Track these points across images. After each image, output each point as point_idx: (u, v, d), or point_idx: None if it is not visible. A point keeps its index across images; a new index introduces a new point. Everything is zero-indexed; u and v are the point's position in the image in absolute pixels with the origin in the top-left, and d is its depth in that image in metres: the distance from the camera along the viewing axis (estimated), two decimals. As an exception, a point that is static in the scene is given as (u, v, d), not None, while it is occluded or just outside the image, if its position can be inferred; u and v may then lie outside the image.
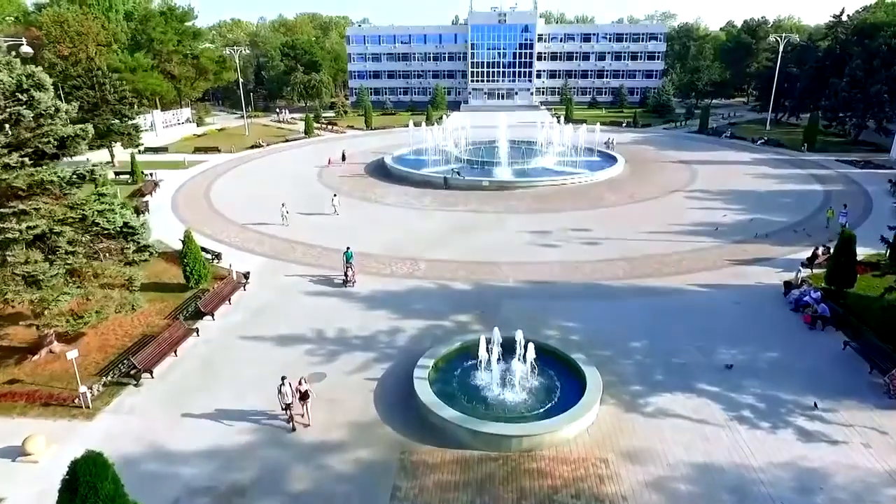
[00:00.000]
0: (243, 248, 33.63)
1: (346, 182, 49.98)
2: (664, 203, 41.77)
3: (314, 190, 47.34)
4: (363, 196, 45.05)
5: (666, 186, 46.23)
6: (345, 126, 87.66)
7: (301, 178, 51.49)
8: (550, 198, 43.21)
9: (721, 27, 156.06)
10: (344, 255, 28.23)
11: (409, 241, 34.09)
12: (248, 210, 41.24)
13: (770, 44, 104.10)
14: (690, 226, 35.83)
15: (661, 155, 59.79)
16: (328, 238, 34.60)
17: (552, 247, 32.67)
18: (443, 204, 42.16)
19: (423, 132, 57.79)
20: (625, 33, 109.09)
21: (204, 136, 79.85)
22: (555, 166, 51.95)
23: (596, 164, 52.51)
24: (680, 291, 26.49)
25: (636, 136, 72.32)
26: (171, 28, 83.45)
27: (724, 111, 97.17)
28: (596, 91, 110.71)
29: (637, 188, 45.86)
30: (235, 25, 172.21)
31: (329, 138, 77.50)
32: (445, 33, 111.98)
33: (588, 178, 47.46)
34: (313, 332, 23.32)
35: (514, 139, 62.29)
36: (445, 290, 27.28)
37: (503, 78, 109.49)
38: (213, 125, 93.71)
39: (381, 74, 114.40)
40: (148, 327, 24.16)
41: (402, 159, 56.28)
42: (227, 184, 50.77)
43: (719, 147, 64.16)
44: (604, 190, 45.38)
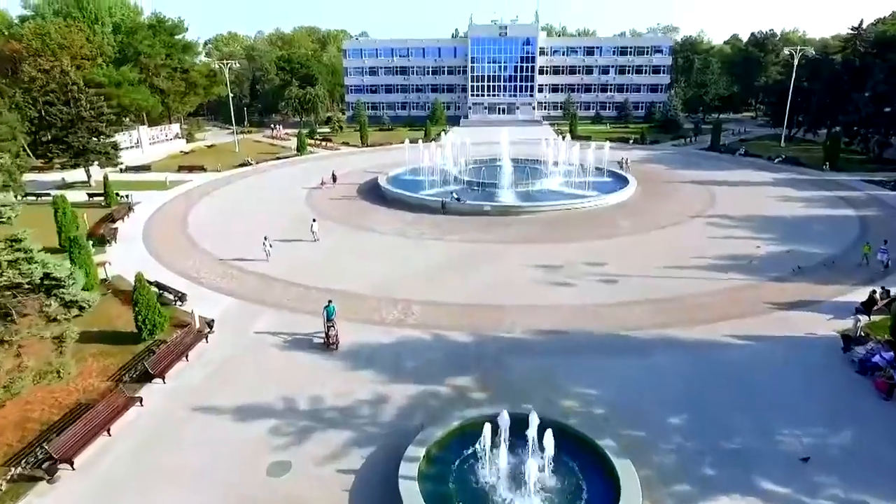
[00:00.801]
0: (215, 286, 29.69)
1: (336, 206, 46.18)
2: (685, 231, 37.90)
3: (301, 215, 43.48)
4: (353, 222, 41.20)
5: (684, 211, 42.41)
6: (339, 143, 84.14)
7: (288, 202, 47.69)
8: (558, 225, 39.38)
9: (725, 41, 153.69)
10: (324, 312, 23.25)
11: (401, 277, 30.16)
12: (227, 239, 37.39)
13: (782, 57, 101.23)
14: (718, 259, 31.91)
15: (674, 174, 56.07)
16: (311, 274, 30.69)
17: (563, 286, 28.73)
18: (440, 232, 38.31)
19: (420, 150, 54.15)
20: (629, 46, 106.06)
21: (191, 154, 76.30)
22: (561, 188, 48.21)
23: (606, 186, 48.76)
24: (717, 345, 22.49)
25: (645, 154, 68.70)
26: (159, 41, 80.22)
27: (733, 126, 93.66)
28: (599, 105, 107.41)
29: (653, 213, 42.05)
30: (232, 39, 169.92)
31: (322, 156, 73.94)
32: (445, 46, 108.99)
33: (598, 202, 43.66)
34: (282, 402, 19.30)
35: (516, 157, 58.72)
36: (442, 342, 23.28)
37: (504, 92, 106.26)
38: (204, 141, 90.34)
39: (379, 89, 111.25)
40: (85, 393, 20.16)
41: (398, 180, 52.59)
42: (208, 207, 46.97)
43: (734, 166, 60.48)
44: (616, 215, 41.57)
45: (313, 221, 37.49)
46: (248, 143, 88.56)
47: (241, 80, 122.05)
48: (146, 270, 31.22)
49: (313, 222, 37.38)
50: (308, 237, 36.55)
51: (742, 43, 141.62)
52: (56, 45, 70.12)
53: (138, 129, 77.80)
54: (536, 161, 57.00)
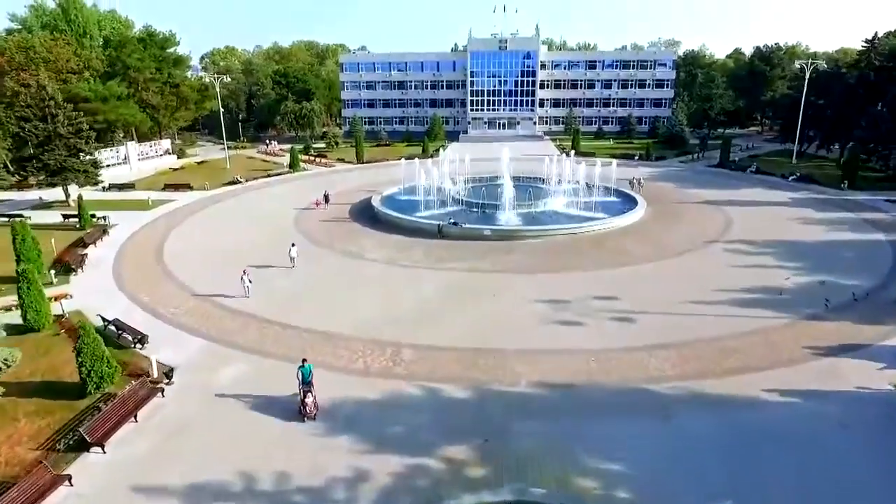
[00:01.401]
0: (184, 324, 26.53)
1: (326, 229, 43.16)
2: (702, 258, 34.80)
3: (288, 239, 40.41)
4: (343, 248, 38.13)
5: (699, 235, 39.37)
6: (334, 159, 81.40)
7: (276, 224, 44.67)
8: (565, 251, 36.31)
9: (728, 55, 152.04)
10: (299, 373, 19.18)
11: (390, 314, 27.01)
12: (205, 267, 34.31)
13: (790, 71, 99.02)
14: (743, 292, 28.78)
15: (685, 194, 53.13)
16: (291, 310, 27.57)
17: (573, 325, 25.57)
18: (436, 260, 35.23)
19: (417, 168, 51.30)
20: (632, 60, 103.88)
21: (180, 171, 73.54)
22: (566, 209, 45.25)
23: (613, 207, 45.82)
24: (755, 403, 19.28)
25: (652, 171, 65.85)
26: (149, 55, 77.83)
27: (741, 141, 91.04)
28: (602, 120, 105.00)
29: (665, 237, 39.01)
30: (229, 53, 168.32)
31: (316, 173, 71.11)
32: (443, 60, 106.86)
33: (606, 225, 40.64)
34: (240, 482, 16.07)
35: (518, 175, 55.91)
36: (434, 398, 20.09)
37: (504, 107, 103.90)
38: (196, 157, 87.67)
39: (376, 103, 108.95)
40: (8, 466, 16.95)
41: (393, 200, 49.67)
42: (189, 230, 43.95)
43: (746, 184, 57.57)
44: (626, 239, 38.52)
45: (292, 246, 34.52)
46: (241, 159, 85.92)
47: (238, 94, 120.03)
48: (110, 305, 28.58)
49: (292, 247, 34.43)
50: (286, 263, 33.60)
51: (745, 57, 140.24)
52: (40, 59, 67.72)
53: (126, 144, 75.18)
54: (539, 179, 54.18)
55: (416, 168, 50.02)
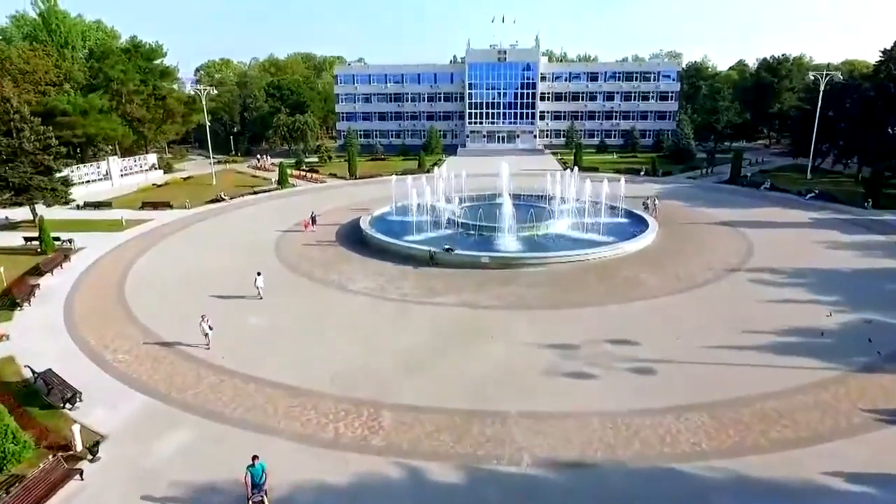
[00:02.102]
0: (127, 375, 22.75)
1: (308, 253, 39.47)
2: (726, 290, 31.05)
3: (266, 266, 36.76)
4: (324, 277, 34.38)
5: (719, 261, 35.68)
6: (327, 174, 77.96)
7: (255, 248, 40.97)
8: (571, 281, 32.59)
9: (731, 66, 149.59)
10: (247, 474, 14.89)
11: (372, 363, 23.25)
12: (166, 302, 30.61)
13: (802, 83, 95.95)
14: (778, 333, 25.03)
15: (697, 213, 49.53)
16: (257, 357, 23.81)
17: (584, 378, 21.78)
18: (427, 291, 31.51)
19: (409, 186, 47.83)
20: (635, 72, 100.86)
21: (164, 187, 70.06)
22: (571, 231, 41.65)
23: (622, 229, 42.23)
24: (818, 493, 15.44)
25: (659, 188, 62.34)
26: (133, 66, 74.73)
27: (750, 155, 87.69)
28: (605, 133, 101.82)
29: (681, 264, 35.31)
30: (225, 65, 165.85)
31: (305, 189, 67.61)
32: (441, 72, 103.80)
33: (615, 251, 36.96)
34: None
35: (518, 193, 52.57)
36: (418, 485, 16.23)
37: (503, 120, 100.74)
38: (184, 172, 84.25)
39: (372, 116, 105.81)
40: None
41: (383, 221, 46.07)
42: (159, 255, 40.26)
43: (762, 202, 54.03)
44: (638, 267, 34.81)
45: (257, 275, 30.87)
46: (230, 174, 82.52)
47: (232, 107, 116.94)
48: (51, 348, 24.86)
49: (257, 276, 30.80)
50: (251, 292, 30.07)
51: (749, 69, 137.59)
52: (17, 71, 64.60)
53: (108, 160, 71.83)
54: (541, 197, 50.68)
55: (408, 186, 46.52)
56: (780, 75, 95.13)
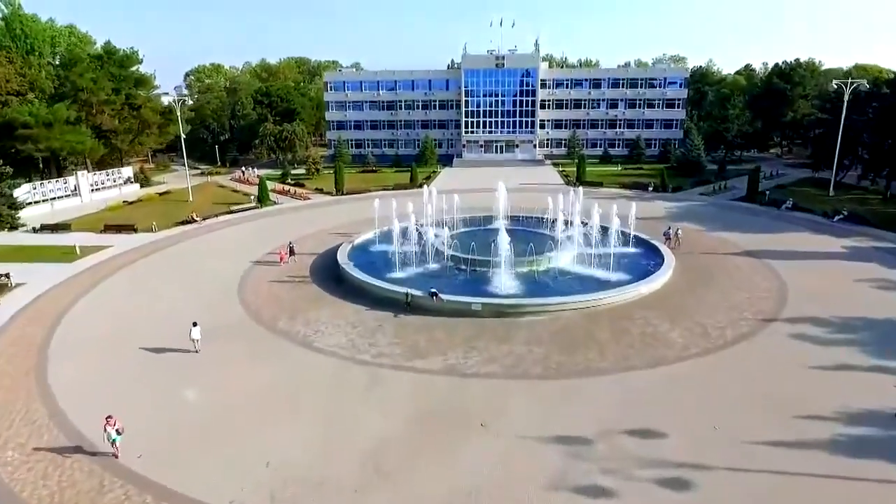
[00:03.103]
0: (8, 487, 17.68)
1: (276, 295, 34.35)
2: (765, 351, 25.90)
3: (225, 311, 31.76)
4: (288, 328, 29.22)
5: (750, 307, 30.56)
6: (312, 189, 72.98)
7: (217, 285, 35.93)
8: (577, 337, 27.50)
9: (737, 71, 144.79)
10: None
11: (327, 468, 18.16)
12: (90, 371, 25.51)
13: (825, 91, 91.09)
14: (840, 419, 19.91)
15: (716, 239, 44.46)
16: (182, 455, 18.75)
17: (598, 497, 16.70)
18: (408, 350, 26.42)
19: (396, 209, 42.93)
20: (640, 78, 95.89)
21: (135, 205, 65.15)
22: (575, 266, 36.59)
23: (633, 263, 37.20)
24: None
25: (671, 207, 57.40)
26: (104, 75, 69.78)
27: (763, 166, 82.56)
28: (608, 143, 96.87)
29: (706, 311, 30.20)
30: (215, 70, 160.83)
31: (287, 207, 62.61)
32: (436, 79, 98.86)
33: (628, 294, 31.85)
34: None
35: (517, 215, 47.78)
36: None
37: (502, 129, 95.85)
38: (163, 185, 79.35)
39: (364, 125, 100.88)
40: None
41: (365, 252, 41.07)
42: (103, 296, 35.14)
43: (785, 225, 48.98)
44: (655, 315, 29.72)
45: (193, 326, 26.20)
46: (210, 188, 77.66)
47: (220, 114, 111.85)
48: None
49: (193, 327, 26.14)
50: (209, 353, 25.08)
51: (757, 73, 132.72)
52: (-26, 80, 59.76)
53: (76, 174, 66.91)
54: (541, 220, 45.82)
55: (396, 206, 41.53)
56: (793, 82, 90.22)
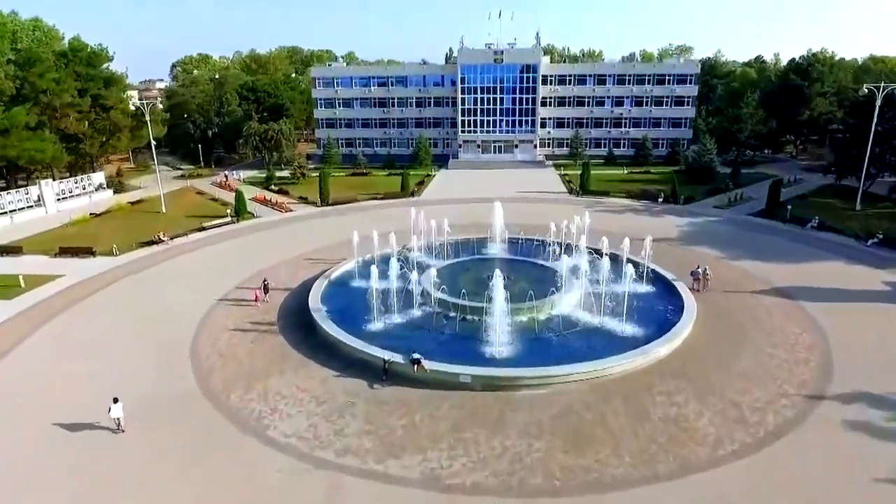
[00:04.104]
0: None
1: (233, 352, 29.47)
2: (816, 449, 21.06)
3: (171, 372, 27.02)
4: (240, 406, 24.41)
5: (791, 378, 25.69)
6: (295, 198, 67.90)
7: (168, 337, 31.04)
8: (584, 423, 22.71)
9: (747, 62, 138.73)
10: None
11: None
12: None
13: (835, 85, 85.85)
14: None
15: (739, 272, 39.51)
16: None
17: None
18: (380, 444, 21.58)
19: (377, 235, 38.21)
20: (647, 74, 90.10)
21: (102, 217, 60.25)
22: (582, 313, 31.68)
23: (647, 306, 32.40)
24: None
25: (683, 225, 52.40)
26: (69, 74, 64.35)
27: (777, 169, 77.64)
28: (612, 143, 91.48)
29: (739, 384, 25.34)
30: (202, 61, 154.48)
31: (266, 222, 57.63)
32: (431, 74, 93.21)
33: (644, 357, 26.97)
34: None
35: (515, 237, 43.14)
36: None
37: (500, 128, 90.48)
38: (139, 191, 74.26)
39: (354, 123, 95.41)
40: None
41: (342, 289, 36.20)
42: (33, 351, 30.23)
43: (815, 252, 43.98)
44: (677, 386, 24.96)
45: (113, 403, 22.14)
46: (188, 195, 72.69)
47: (207, 108, 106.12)
48: None
49: (113, 404, 22.11)
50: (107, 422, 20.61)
51: (770, 66, 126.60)
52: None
53: (39, 184, 61.91)
54: (542, 244, 41.15)
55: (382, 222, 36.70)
56: (810, 78, 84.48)
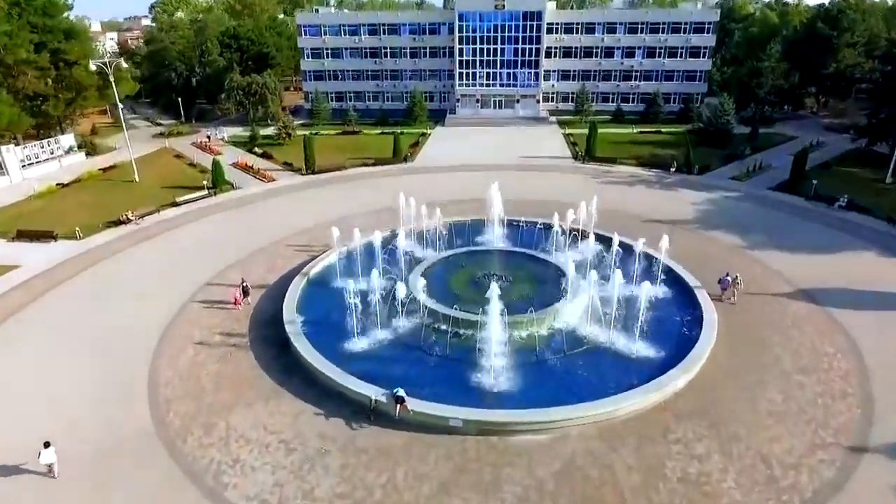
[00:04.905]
0: None
1: (196, 377, 26.05)
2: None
3: (116, 409, 23.79)
4: (197, 451, 21.18)
5: (826, 422, 22.31)
6: (280, 163, 63.20)
7: (122, 356, 27.55)
8: (591, 482, 19.60)
9: (767, 1, 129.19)
10: None
11: None
12: None
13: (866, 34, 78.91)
14: None
15: (761, 266, 35.62)
16: None
17: None
18: None
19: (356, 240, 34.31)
20: (661, 23, 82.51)
21: (71, 187, 55.95)
22: (589, 327, 28.09)
23: (663, 315, 28.84)
24: None
25: (698, 202, 48.12)
26: (23, 27, 58.10)
27: (797, 129, 72.27)
28: (621, 97, 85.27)
29: (766, 428, 22.03)
30: (182, 2, 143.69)
31: (246, 195, 53.21)
32: (425, 22, 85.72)
33: (659, 393, 23.57)
34: None
35: (515, 221, 39.37)
36: None
37: (501, 81, 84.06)
38: (113, 152, 69.33)
39: (344, 75, 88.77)
40: None
41: (322, 290, 32.46)
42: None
43: (843, 238, 39.93)
44: (698, 435, 21.70)
45: (44, 447, 19.32)
46: (165, 158, 67.97)
47: (189, 54, 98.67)
48: None
49: (44, 449, 19.30)
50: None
51: (792, 7, 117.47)
52: None
53: (0, 150, 57.08)
54: (546, 230, 37.34)
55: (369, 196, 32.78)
56: (840, 27, 77.52)
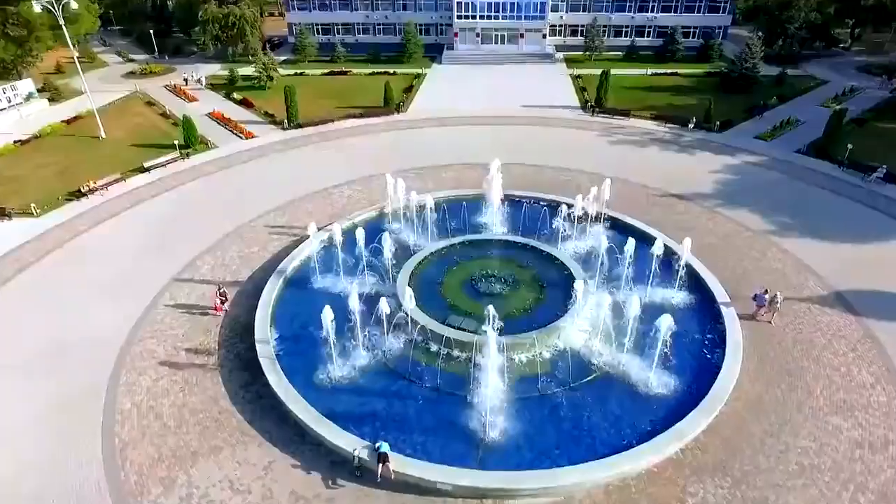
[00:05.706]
0: None
1: (160, 402, 23.27)
2: None
3: (63, 453, 21.12)
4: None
5: (866, 488, 19.66)
6: (260, 113, 57.72)
7: (77, 378, 24.59)
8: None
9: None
10: None
11: None
12: None
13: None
14: None
15: (789, 260, 31.98)
16: None
17: None
18: None
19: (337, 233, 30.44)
20: (686, -56, 73.57)
21: (31, 144, 51.13)
22: (595, 346, 24.97)
23: (685, 336, 25.58)
24: None
25: (718, 170, 43.58)
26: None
27: (828, 70, 66.01)
28: (636, 32, 77.65)
29: (797, 490, 19.51)
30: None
31: (221, 157, 48.36)
32: (421, -59, 76.53)
33: (678, 442, 20.79)
34: None
35: (518, 197, 35.83)
36: None
37: (504, 12, 76.07)
38: (81, 96, 63.06)
39: (331, 5, 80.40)
40: None
41: (302, 293, 28.98)
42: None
43: (882, 221, 35.99)
44: (714, 500, 19.19)
45: None
46: (135, 107, 62.40)
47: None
48: None
49: None
50: None
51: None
52: None
53: (-54, 104, 51.68)
54: (553, 211, 33.70)
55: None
56: (885, -49, 68.93)
